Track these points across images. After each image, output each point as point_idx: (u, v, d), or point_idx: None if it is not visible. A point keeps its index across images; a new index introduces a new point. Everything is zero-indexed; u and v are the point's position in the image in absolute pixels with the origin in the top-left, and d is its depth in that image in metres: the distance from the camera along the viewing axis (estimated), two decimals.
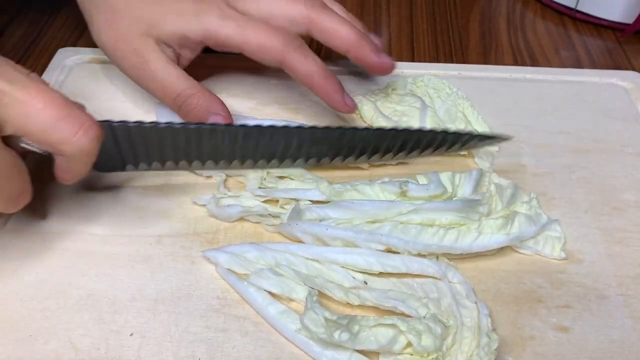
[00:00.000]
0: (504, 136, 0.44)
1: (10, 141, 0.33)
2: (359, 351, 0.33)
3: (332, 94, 0.44)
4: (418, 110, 0.48)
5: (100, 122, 0.34)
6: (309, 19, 0.44)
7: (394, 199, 0.40)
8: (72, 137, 0.32)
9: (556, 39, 0.62)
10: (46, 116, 0.32)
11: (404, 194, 0.40)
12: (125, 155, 0.41)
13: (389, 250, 0.38)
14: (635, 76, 0.54)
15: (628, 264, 0.39)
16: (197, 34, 0.43)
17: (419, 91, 0.50)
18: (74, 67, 0.54)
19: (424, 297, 0.36)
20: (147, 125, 0.39)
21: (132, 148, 0.40)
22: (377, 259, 0.37)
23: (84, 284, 0.37)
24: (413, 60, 0.59)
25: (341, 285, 0.37)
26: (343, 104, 0.44)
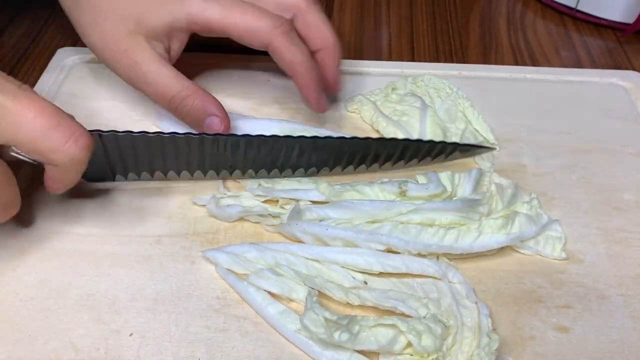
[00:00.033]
0: (487, 146, 0.45)
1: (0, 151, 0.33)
2: (359, 351, 0.33)
3: (311, 88, 0.44)
4: (418, 110, 0.48)
5: (90, 131, 0.34)
6: (298, 7, 0.44)
7: (394, 199, 0.40)
8: (62, 146, 0.32)
9: (556, 38, 0.62)
10: (37, 125, 0.32)
11: (403, 194, 0.40)
12: (114, 164, 0.41)
13: (389, 250, 0.38)
14: (636, 76, 0.54)
15: (628, 264, 0.39)
16: (181, 20, 0.42)
17: (419, 91, 0.50)
18: (73, 67, 0.54)
19: (424, 297, 0.36)
20: (136, 135, 0.39)
21: (122, 157, 0.40)
22: (377, 259, 0.37)
23: (84, 284, 0.37)
24: (413, 60, 0.59)
25: (341, 285, 0.36)
26: (317, 101, 0.44)
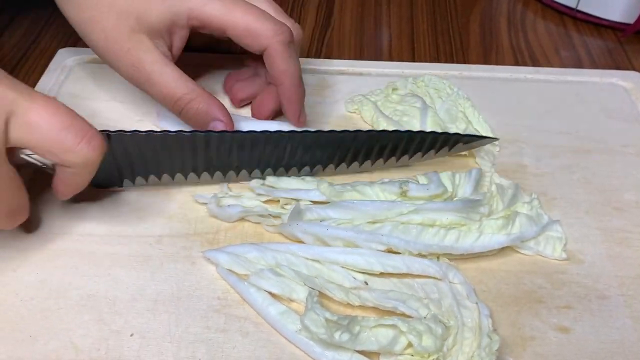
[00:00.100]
0: (489, 137, 0.45)
1: (9, 155, 0.33)
2: (359, 352, 0.33)
3: (294, 102, 0.44)
4: (419, 110, 0.47)
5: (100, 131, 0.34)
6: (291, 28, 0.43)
7: (395, 199, 0.40)
8: (75, 146, 0.32)
9: (557, 39, 0.62)
10: (51, 125, 0.32)
11: (404, 194, 0.40)
12: (122, 167, 0.41)
13: (390, 250, 0.38)
14: (636, 76, 0.54)
15: (629, 264, 0.39)
16: (182, 16, 0.42)
17: (419, 91, 0.50)
18: (74, 67, 0.54)
19: (424, 298, 0.36)
20: (143, 135, 0.39)
21: (129, 159, 0.40)
22: (377, 259, 0.37)
23: (84, 284, 0.37)
24: (414, 60, 0.59)
25: (342, 286, 0.36)
26: (297, 117, 0.45)
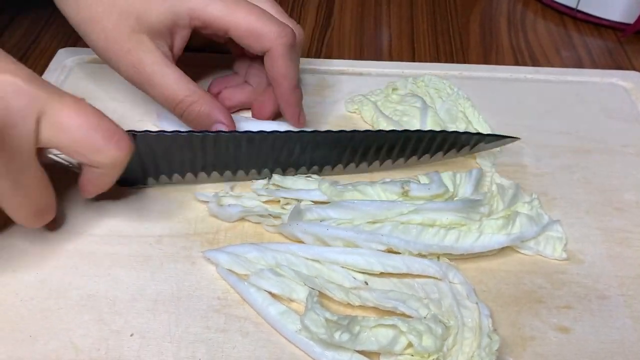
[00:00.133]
0: (511, 137, 0.44)
1: (38, 154, 0.33)
2: (359, 352, 0.33)
3: (292, 105, 0.44)
4: (419, 110, 0.47)
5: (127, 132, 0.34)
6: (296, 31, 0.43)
7: (395, 199, 0.40)
8: (104, 147, 0.33)
9: (557, 39, 0.62)
10: (80, 126, 0.32)
11: (405, 194, 0.40)
12: (147, 166, 0.41)
13: (390, 250, 0.38)
14: (636, 76, 0.54)
15: (629, 264, 0.39)
16: (183, 16, 0.41)
17: (419, 91, 0.50)
18: (74, 68, 0.54)
19: (424, 298, 0.36)
20: (169, 135, 0.39)
21: (154, 159, 0.40)
22: (377, 259, 0.37)
23: (84, 284, 0.37)
24: (414, 60, 0.59)
25: (342, 286, 0.36)
26: (296, 118, 0.45)
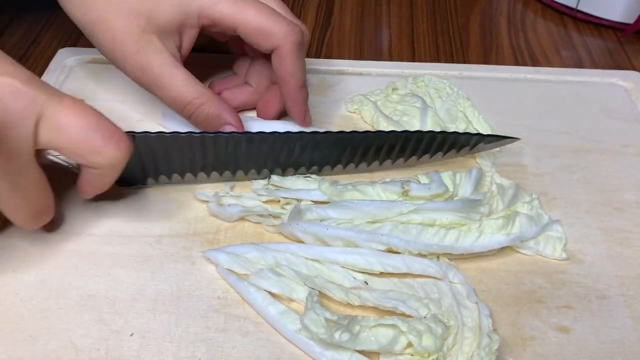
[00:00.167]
0: (510, 137, 0.44)
1: (36, 156, 0.33)
2: (359, 352, 0.33)
3: (299, 103, 0.44)
4: (419, 110, 0.47)
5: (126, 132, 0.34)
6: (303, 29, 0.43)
7: (395, 199, 0.40)
8: (103, 148, 0.33)
9: (557, 39, 0.62)
10: (79, 127, 0.32)
11: (406, 194, 0.40)
12: (147, 167, 0.41)
13: (390, 250, 0.38)
14: (636, 76, 0.54)
15: (629, 264, 0.39)
16: (192, 15, 0.41)
17: (419, 91, 0.50)
18: (74, 68, 0.54)
19: (424, 298, 0.36)
20: (168, 135, 0.39)
21: (154, 159, 0.40)
22: (377, 259, 0.37)
23: (84, 284, 0.37)
24: (414, 60, 0.59)
25: (342, 286, 0.36)
26: (302, 117, 0.45)
